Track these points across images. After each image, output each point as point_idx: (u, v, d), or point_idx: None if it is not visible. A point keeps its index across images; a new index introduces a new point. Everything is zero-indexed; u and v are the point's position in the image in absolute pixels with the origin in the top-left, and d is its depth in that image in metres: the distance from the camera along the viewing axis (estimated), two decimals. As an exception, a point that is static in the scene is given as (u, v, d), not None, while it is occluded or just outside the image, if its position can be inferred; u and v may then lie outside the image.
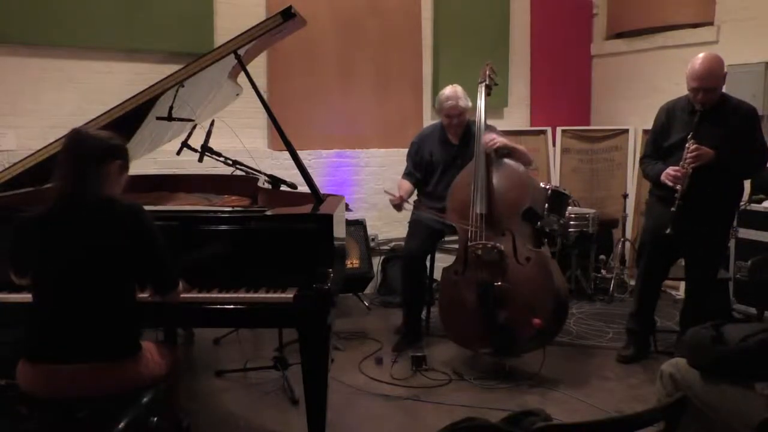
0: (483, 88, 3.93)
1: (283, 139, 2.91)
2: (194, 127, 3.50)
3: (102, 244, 2.09)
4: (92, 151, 2.14)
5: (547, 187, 4.50)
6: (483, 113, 3.83)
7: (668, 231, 3.39)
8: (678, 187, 3.36)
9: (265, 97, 3.07)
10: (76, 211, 2.11)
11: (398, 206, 3.93)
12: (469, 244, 3.60)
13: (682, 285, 4.53)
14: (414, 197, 4.15)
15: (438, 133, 4.11)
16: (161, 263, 2.22)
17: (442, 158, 4.04)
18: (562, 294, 3.54)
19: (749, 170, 3.70)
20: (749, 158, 3.46)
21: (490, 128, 3.84)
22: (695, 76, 3.34)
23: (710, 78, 3.32)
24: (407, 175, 4.16)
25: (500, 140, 3.70)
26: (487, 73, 3.98)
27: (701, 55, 3.38)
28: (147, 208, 2.32)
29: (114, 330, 2.13)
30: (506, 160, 3.72)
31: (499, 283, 3.47)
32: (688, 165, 3.33)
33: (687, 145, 3.34)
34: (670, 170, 3.40)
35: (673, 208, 3.37)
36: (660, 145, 3.60)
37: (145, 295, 2.36)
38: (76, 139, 2.16)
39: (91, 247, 2.08)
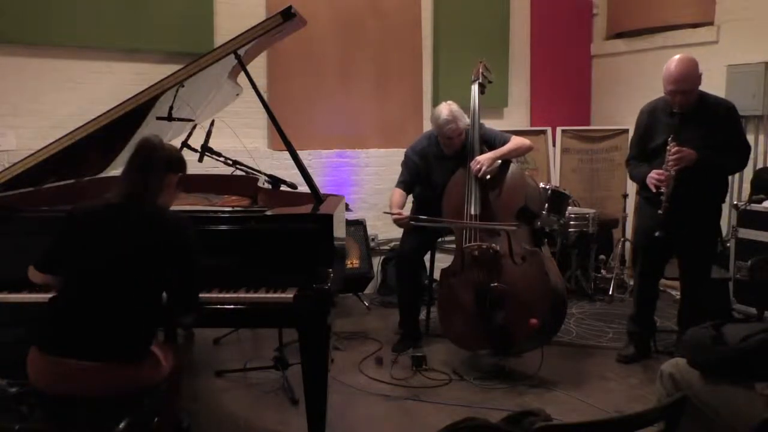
0: (476, 87, 3.92)
1: (283, 139, 2.91)
2: (194, 127, 3.50)
3: (144, 249, 2.12)
4: (161, 161, 2.23)
5: (547, 187, 4.52)
6: (477, 113, 3.82)
7: (657, 234, 3.41)
8: (663, 189, 3.37)
9: (265, 97, 3.07)
10: (130, 212, 2.16)
11: (404, 224, 3.76)
12: (465, 245, 3.60)
13: (682, 285, 4.54)
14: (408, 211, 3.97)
15: (434, 148, 3.91)
16: (189, 283, 2.25)
17: (442, 175, 3.84)
18: (559, 293, 3.54)
19: (734, 167, 3.70)
20: (733, 155, 3.49)
21: (482, 127, 3.83)
22: (671, 79, 3.36)
23: (686, 80, 3.34)
24: (403, 184, 3.94)
25: (485, 163, 3.62)
26: (480, 71, 3.97)
27: (676, 57, 3.40)
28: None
29: (131, 334, 2.14)
30: (499, 161, 3.72)
31: (496, 284, 3.47)
32: (670, 167, 3.35)
33: (668, 147, 3.35)
34: (654, 174, 3.42)
35: (660, 211, 3.38)
36: (644, 146, 3.62)
37: None
38: (148, 147, 2.25)
39: (133, 249, 2.11)
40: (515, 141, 3.80)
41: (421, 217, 3.66)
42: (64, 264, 2.18)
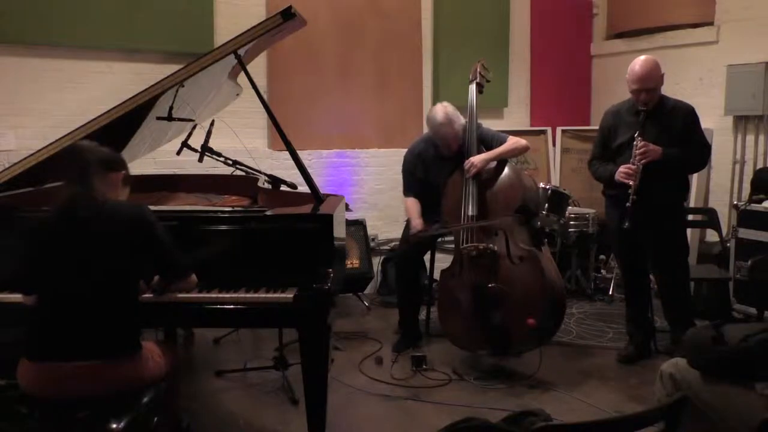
0: (474, 87, 3.92)
1: (283, 139, 2.91)
2: (194, 127, 3.49)
3: (106, 245, 2.12)
4: (97, 159, 2.22)
5: (547, 187, 4.51)
6: (475, 113, 3.82)
7: (626, 225, 3.49)
8: (631, 182, 3.48)
9: (265, 97, 3.07)
10: (81, 212, 2.15)
11: (424, 235, 3.75)
12: (462, 246, 3.60)
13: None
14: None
15: (431, 149, 3.91)
16: (169, 253, 2.27)
17: (440, 176, 3.83)
18: (557, 293, 3.54)
19: (696, 165, 3.82)
20: (694, 155, 3.61)
21: (479, 127, 3.84)
22: (635, 78, 3.53)
23: (649, 79, 3.51)
24: (411, 191, 3.94)
25: (478, 164, 3.63)
26: (478, 70, 3.97)
27: (640, 58, 3.59)
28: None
29: (114, 329, 2.14)
30: (494, 162, 3.72)
31: (492, 285, 3.47)
32: (638, 161, 3.47)
33: (635, 142, 3.49)
34: (623, 168, 3.53)
35: (627, 203, 3.47)
36: (608, 146, 3.73)
37: (147, 295, 2.37)
38: (80, 149, 2.25)
39: (94, 249, 2.11)
40: (511, 141, 3.81)
41: (435, 227, 3.73)
42: (38, 279, 2.18)
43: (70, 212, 2.16)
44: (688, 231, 4.27)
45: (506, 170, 3.70)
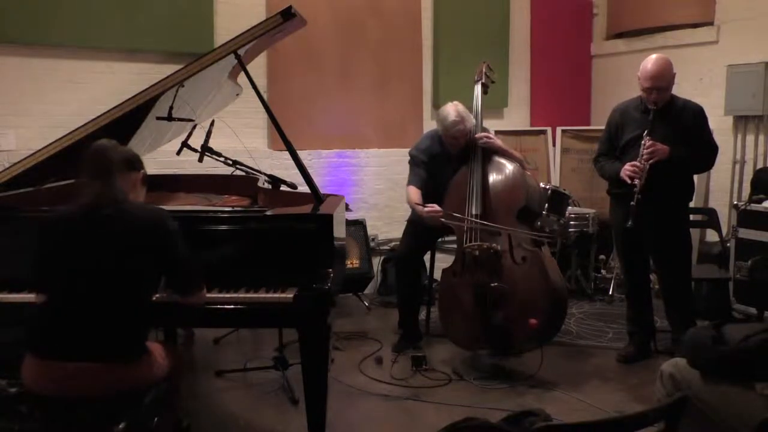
0: (479, 87, 3.93)
1: (283, 139, 2.91)
2: (194, 127, 3.50)
3: (122, 247, 2.12)
4: (120, 158, 2.24)
5: (547, 187, 4.51)
6: (480, 113, 3.83)
7: (629, 224, 3.47)
8: (636, 181, 3.47)
9: (265, 97, 3.07)
10: (100, 213, 2.14)
11: (436, 219, 3.61)
12: (465, 245, 3.60)
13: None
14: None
15: (437, 147, 3.88)
16: (182, 266, 2.26)
17: (446, 175, 3.81)
18: (559, 293, 3.54)
19: (703, 165, 3.83)
20: (701, 155, 3.61)
21: (485, 131, 3.87)
22: (648, 76, 3.51)
23: (662, 78, 3.49)
24: (416, 181, 3.83)
25: (491, 138, 3.72)
26: (483, 71, 3.98)
27: (653, 56, 3.56)
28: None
29: (123, 333, 2.13)
30: (501, 160, 3.73)
31: (495, 284, 3.47)
32: (645, 161, 3.46)
33: (643, 141, 3.47)
34: (628, 166, 3.52)
35: (632, 202, 3.46)
36: (614, 143, 3.73)
37: (158, 294, 2.37)
38: (102, 149, 2.24)
39: (112, 249, 2.11)
40: (518, 155, 3.89)
41: (455, 214, 3.61)
42: (52, 276, 2.17)
43: (93, 211, 2.15)
44: (688, 231, 4.27)
45: (511, 170, 3.69)
